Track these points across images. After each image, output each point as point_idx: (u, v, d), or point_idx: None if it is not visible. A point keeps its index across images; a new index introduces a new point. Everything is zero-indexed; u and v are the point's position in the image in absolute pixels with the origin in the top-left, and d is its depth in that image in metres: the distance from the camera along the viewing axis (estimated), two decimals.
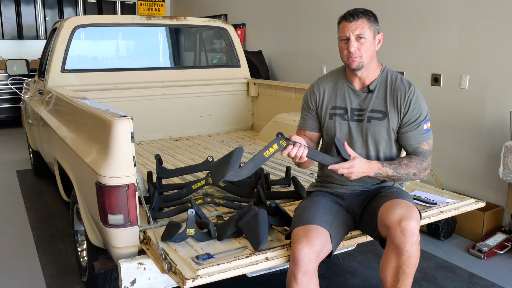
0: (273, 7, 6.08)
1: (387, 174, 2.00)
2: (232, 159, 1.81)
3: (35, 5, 8.30)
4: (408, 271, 1.89)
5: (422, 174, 2.05)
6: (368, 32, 1.97)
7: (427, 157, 2.07)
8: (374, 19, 2.01)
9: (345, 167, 1.91)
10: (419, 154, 2.06)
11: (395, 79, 2.08)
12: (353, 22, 1.96)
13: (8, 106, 7.73)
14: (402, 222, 1.82)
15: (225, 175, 1.78)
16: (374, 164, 1.98)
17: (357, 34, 1.96)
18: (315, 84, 2.22)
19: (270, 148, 1.88)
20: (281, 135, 1.91)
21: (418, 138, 2.06)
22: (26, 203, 4.28)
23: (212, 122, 4.54)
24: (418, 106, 2.04)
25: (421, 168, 2.04)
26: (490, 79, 3.47)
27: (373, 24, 2.00)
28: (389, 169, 2.00)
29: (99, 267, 2.33)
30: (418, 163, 2.04)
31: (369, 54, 2.00)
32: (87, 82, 3.90)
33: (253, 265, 1.85)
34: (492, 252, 3.22)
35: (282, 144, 1.89)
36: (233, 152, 1.85)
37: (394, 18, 4.15)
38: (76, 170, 2.52)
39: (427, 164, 2.07)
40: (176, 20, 4.37)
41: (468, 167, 3.69)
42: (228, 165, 1.80)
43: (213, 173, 1.86)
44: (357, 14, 1.97)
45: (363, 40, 1.97)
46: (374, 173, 1.99)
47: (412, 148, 2.08)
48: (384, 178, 2.03)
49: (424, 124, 2.05)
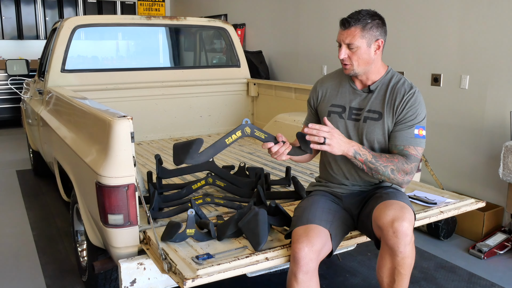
0: (273, 7, 6.08)
1: (366, 158, 1.93)
2: (191, 149, 1.89)
3: (35, 5, 8.30)
4: (403, 271, 1.88)
5: (402, 177, 1.95)
6: (360, 41, 1.94)
7: (411, 162, 1.96)
8: (374, 25, 1.95)
9: (325, 130, 1.88)
10: (404, 156, 1.97)
11: (398, 82, 2.05)
12: (345, 30, 1.96)
13: (8, 106, 7.73)
14: (394, 223, 1.81)
15: (183, 162, 1.90)
16: (354, 143, 1.95)
17: (347, 43, 1.96)
18: (319, 82, 2.25)
19: (233, 135, 1.91)
20: (247, 121, 1.92)
21: (405, 140, 1.98)
22: (26, 203, 4.28)
23: (212, 122, 4.54)
24: (414, 110, 1.99)
25: (401, 169, 1.94)
26: (490, 79, 3.47)
27: (369, 31, 1.94)
28: (368, 154, 1.93)
29: (99, 267, 2.32)
30: (399, 161, 1.95)
31: (362, 62, 1.98)
32: (87, 82, 3.90)
33: (253, 265, 1.84)
34: (492, 252, 3.22)
35: (246, 131, 1.90)
36: (193, 142, 1.92)
37: (394, 18, 4.15)
38: (76, 170, 2.52)
39: (410, 169, 1.95)
40: (176, 20, 4.37)
41: (468, 167, 3.69)
42: (187, 154, 1.89)
43: (174, 155, 1.97)
44: (349, 22, 1.94)
45: (354, 49, 1.96)
46: (353, 151, 1.92)
47: (398, 149, 1.99)
48: (362, 164, 1.94)
49: (415, 129, 1.99)
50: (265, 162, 3.34)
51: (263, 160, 3.41)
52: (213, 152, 1.91)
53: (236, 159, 3.44)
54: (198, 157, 1.89)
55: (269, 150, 1.95)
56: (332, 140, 1.88)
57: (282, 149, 1.93)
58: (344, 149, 1.91)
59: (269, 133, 1.95)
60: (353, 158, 1.94)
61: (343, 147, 1.91)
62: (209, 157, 1.92)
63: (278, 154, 1.94)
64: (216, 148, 1.91)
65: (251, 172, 2.82)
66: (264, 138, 1.94)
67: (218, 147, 1.91)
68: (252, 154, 3.62)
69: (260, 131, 1.94)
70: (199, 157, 1.89)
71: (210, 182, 2.69)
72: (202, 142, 1.93)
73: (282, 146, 1.94)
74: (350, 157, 1.94)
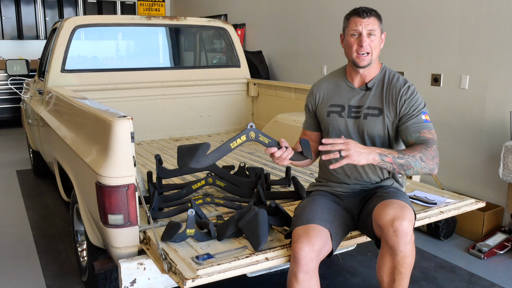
0: (273, 7, 6.08)
1: (393, 156, 1.84)
2: (197, 152, 1.89)
3: (35, 5, 8.30)
4: (403, 271, 1.89)
5: (431, 162, 1.88)
6: (378, 30, 2.03)
7: (432, 145, 1.92)
8: (380, 18, 2.06)
9: (340, 142, 1.82)
10: (423, 142, 1.94)
11: (393, 78, 2.11)
12: (366, 18, 2.00)
13: (8, 106, 7.73)
14: (394, 223, 1.81)
15: (188, 165, 1.90)
16: (372, 147, 1.88)
17: (369, 29, 2.00)
18: (315, 86, 2.27)
19: (238, 139, 1.92)
20: (251, 126, 1.92)
21: (417, 126, 1.99)
22: (26, 203, 4.28)
23: (212, 122, 4.54)
24: (414, 100, 2.03)
25: (428, 155, 1.87)
26: (490, 79, 3.47)
27: (381, 23, 2.05)
28: (393, 151, 1.86)
29: (99, 267, 2.33)
30: (422, 148, 1.89)
31: (377, 52, 2.05)
32: (87, 82, 3.90)
33: (253, 265, 1.85)
34: (492, 252, 3.22)
35: (251, 136, 1.91)
36: (199, 145, 1.91)
37: (394, 18, 4.15)
38: (76, 170, 2.52)
39: (434, 151, 1.90)
40: (176, 20, 4.37)
41: (468, 167, 3.69)
42: (193, 157, 1.89)
43: (178, 158, 1.96)
44: (370, 11, 2.02)
45: (373, 37, 2.01)
46: (378, 155, 1.83)
47: (414, 138, 1.97)
48: (392, 164, 1.85)
49: (422, 115, 2.01)
50: (265, 162, 3.34)
51: (263, 160, 3.41)
52: (217, 156, 1.91)
53: (236, 159, 3.44)
54: (203, 161, 1.89)
55: (272, 155, 1.95)
56: (348, 151, 1.79)
57: (284, 154, 1.94)
58: (367, 156, 1.82)
59: (272, 138, 1.95)
60: (381, 162, 1.85)
61: (365, 154, 1.82)
62: (214, 161, 1.92)
63: (280, 159, 1.95)
64: (220, 152, 1.91)
65: (251, 172, 2.83)
66: (268, 143, 1.94)
67: (223, 151, 1.91)
68: (252, 154, 3.62)
69: (264, 136, 1.94)
70: (204, 160, 1.89)
71: (210, 182, 2.69)
72: (209, 146, 1.93)
73: (285, 151, 1.94)
74: (378, 161, 1.84)
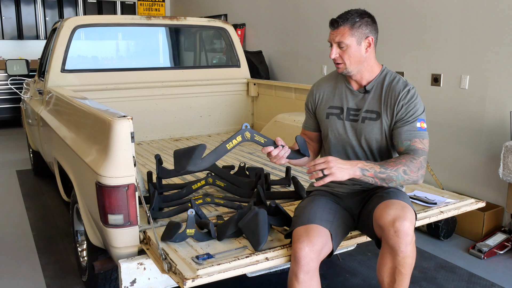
0: (273, 7, 6.08)
1: (374, 170, 1.87)
2: (194, 155, 1.89)
3: (35, 5, 8.29)
4: (404, 271, 1.88)
5: (415, 175, 1.91)
6: (350, 39, 1.96)
7: (419, 156, 1.93)
8: (363, 23, 1.97)
9: (321, 161, 1.85)
10: (411, 152, 1.95)
11: (393, 80, 2.06)
12: (334, 29, 1.99)
13: (8, 106, 7.73)
14: (395, 223, 1.81)
15: (185, 168, 1.89)
16: (355, 161, 1.91)
17: (337, 42, 1.98)
18: (315, 85, 2.26)
19: (233, 140, 1.92)
20: (246, 126, 1.93)
21: (410, 134, 1.97)
22: (26, 203, 4.28)
23: (212, 122, 4.54)
24: (412, 105, 1.99)
25: (412, 167, 1.90)
26: (490, 79, 3.47)
27: (358, 30, 1.96)
28: (375, 165, 1.88)
29: (99, 267, 2.33)
30: (407, 160, 1.91)
31: (354, 60, 2.00)
32: (87, 82, 3.90)
33: (253, 265, 1.85)
34: (492, 252, 3.22)
35: (246, 136, 1.91)
36: (195, 148, 1.91)
37: (394, 18, 4.15)
38: (76, 170, 2.52)
39: (420, 163, 1.92)
40: (176, 20, 4.37)
41: (468, 167, 3.69)
42: (190, 159, 1.89)
43: (175, 162, 1.96)
44: (337, 22, 1.97)
45: (344, 48, 1.98)
46: (360, 170, 1.87)
47: (404, 145, 1.97)
48: (374, 178, 1.89)
49: (418, 122, 1.99)
50: (265, 162, 3.34)
51: (263, 160, 3.41)
52: (214, 157, 1.91)
53: (236, 159, 3.44)
54: (200, 163, 1.89)
55: (269, 154, 1.96)
56: (330, 169, 1.83)
57: (281, 153, 1.95)
58: (349, 172, 1.85)
59: (268, 138, 1.95)
60: (362, 177, 1.88)
61: (346, 170, 1.85)
62: (211, 163, 1.93)
63: (277, 158, 1.95)
64: (217, 153, 1.91)
65: (251, 172, 2.83)
66: (264, 143, 1.95)
67: (219, 152, 1.91)
68: (252, 154, 3.62)
69: (260, 135, 1.95)
70: (201, 163, 1.89)
71: (210, 182, 2.69)
72: (205, 148, 1.92)
73: (281, 150, 1.94)
74: (359, 176, 1.88)
